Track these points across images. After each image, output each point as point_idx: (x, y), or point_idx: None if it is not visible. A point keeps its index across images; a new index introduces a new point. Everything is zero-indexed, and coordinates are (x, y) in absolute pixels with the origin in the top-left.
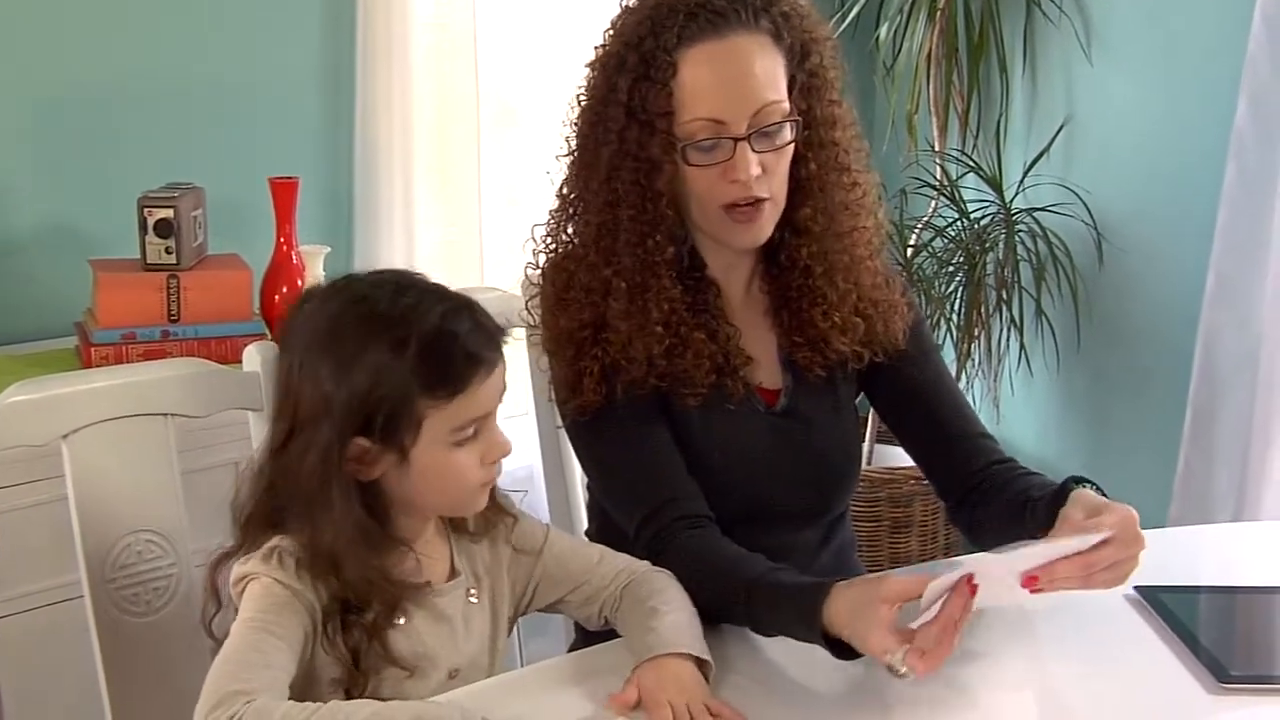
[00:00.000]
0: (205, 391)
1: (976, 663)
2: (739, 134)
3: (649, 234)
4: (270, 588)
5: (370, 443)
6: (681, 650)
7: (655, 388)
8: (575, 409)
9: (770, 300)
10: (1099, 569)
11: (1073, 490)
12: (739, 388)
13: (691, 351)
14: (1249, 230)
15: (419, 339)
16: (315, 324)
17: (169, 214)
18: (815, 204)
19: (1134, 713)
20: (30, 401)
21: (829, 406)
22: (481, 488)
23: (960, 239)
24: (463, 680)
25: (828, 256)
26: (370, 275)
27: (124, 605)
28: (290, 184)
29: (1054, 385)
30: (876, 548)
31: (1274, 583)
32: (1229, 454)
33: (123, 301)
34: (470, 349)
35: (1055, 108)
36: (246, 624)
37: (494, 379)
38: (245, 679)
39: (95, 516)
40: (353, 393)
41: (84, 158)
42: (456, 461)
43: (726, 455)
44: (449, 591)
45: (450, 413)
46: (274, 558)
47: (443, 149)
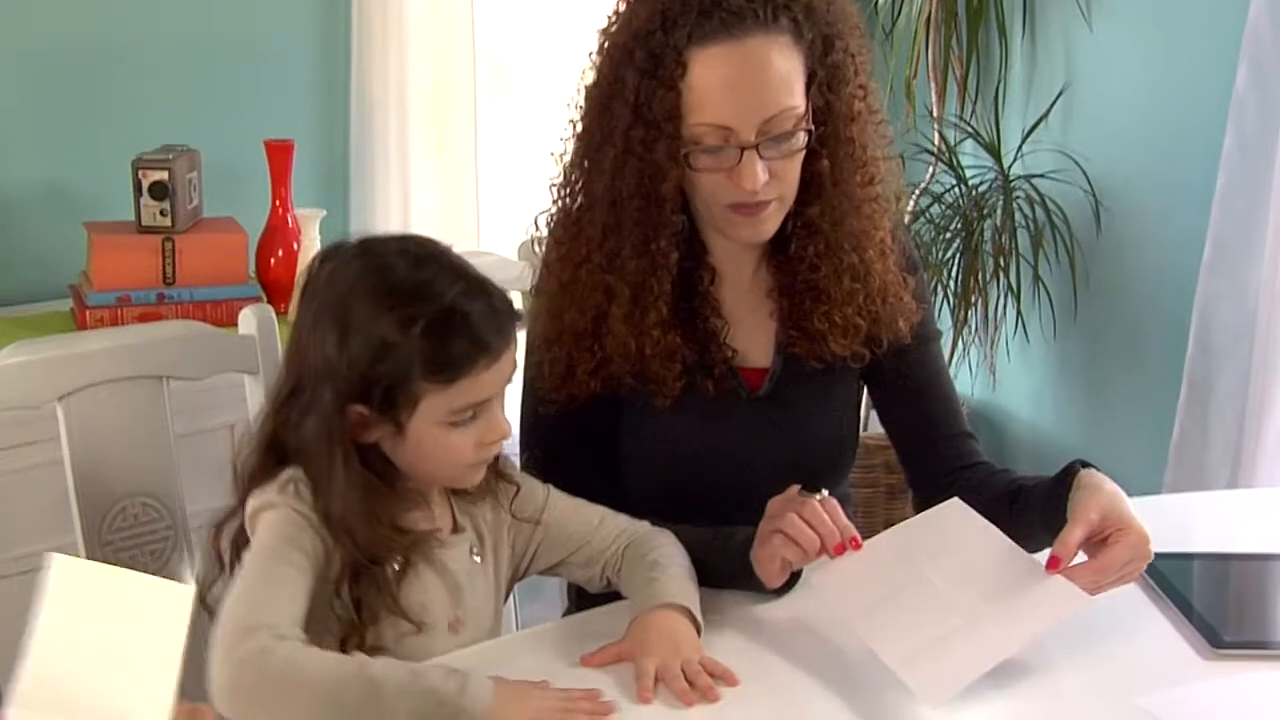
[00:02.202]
0: (201, 354)
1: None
2: (747, 142)
3: (652, 239)
4: (288, 516)
5: (368, 411)
6: (678, 603)
7: (630, 386)
8: (567, 396)
9: (775, 286)
10: (1108, 577)
11: (1080, 472)
12: (710, 386)
13: (664, 358)
14: (1248, 199)
15: (427, 319)
16: (332, 285)
17: (164, 176)
18: (826, 202)
19: (1129, 678)
20: (25, 364)
21: (821, 392)
22: (475, 467)
23: (958, 205)
24: (464, 634)
25: (836, 256)
26: (395, 241)
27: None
28: (286, 146)
29: (1050, 353)
30: (872, 514)
31: (1268, 550)
32: (1224, 422)
33: (117, 264)
34: (477, 335)
35: (1055, 74)
36: (265, 553)
37: (500, 365)
38: (268, 611)
39: (91, 479)
40: (355, 362)
41: (78, 120)
42: (451, 441)
43: (697, 448)
44: (453, 546)
45: (449, 396)
46: (290, 487)
47: (439, 113)
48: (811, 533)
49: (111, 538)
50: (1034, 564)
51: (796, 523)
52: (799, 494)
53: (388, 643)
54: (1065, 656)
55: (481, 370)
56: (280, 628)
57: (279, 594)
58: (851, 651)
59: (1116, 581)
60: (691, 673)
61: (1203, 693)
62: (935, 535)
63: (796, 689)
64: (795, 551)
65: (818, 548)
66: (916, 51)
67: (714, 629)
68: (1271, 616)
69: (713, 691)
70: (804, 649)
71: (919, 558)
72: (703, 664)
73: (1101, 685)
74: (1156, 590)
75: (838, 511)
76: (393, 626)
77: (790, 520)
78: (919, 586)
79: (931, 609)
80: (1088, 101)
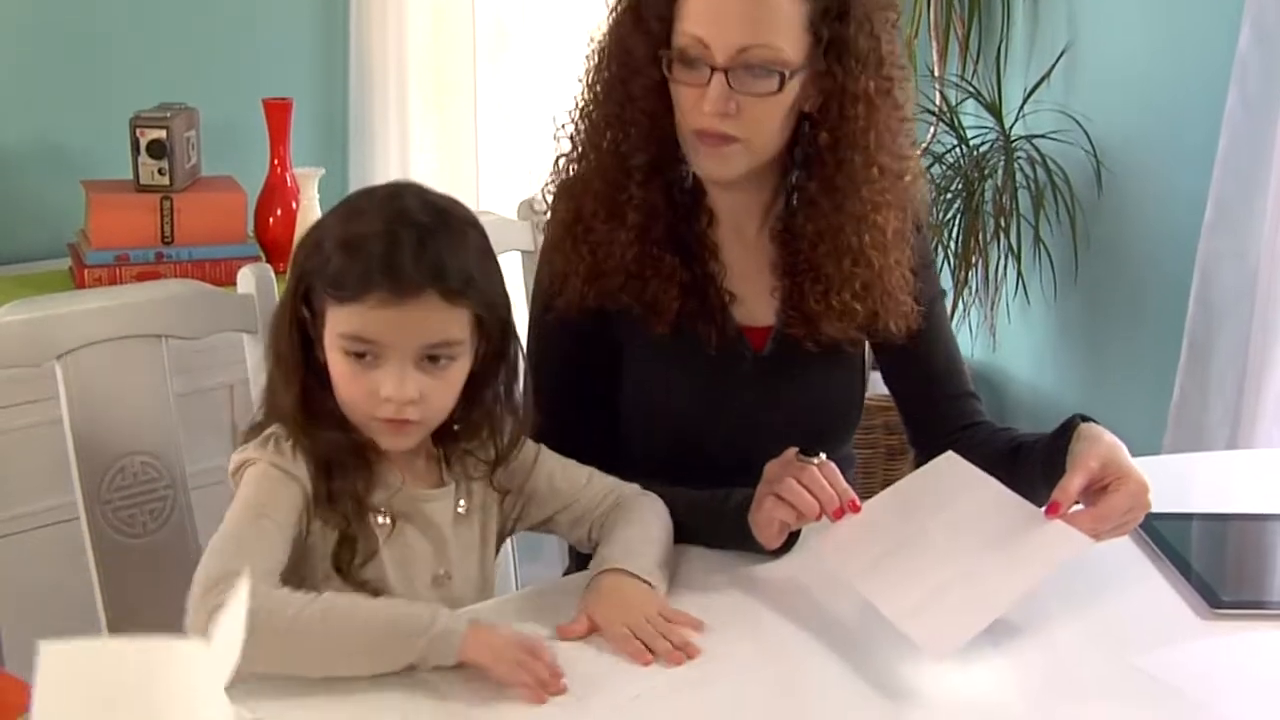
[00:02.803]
0: (200, 313)
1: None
2: (717, 64)
3: (621, 138)
4: (266, 471)
5: (306, 313)
6: (617, 567)
7: (628, 308)
8: (564, 305)
9: (778, 263)
10: (1107, 525)
11: (1080, 425)
12: (714, 334)
13: (659, 274)
14: (1250, 159)
15: (357, 230)
16: (339, 204)
17: (162, 135)
18: (825, 178)
19: (1127, 637)
20: (24, 322)
21: (826, 352)
22: (372, 420)
23: (959, 166)
24: (451, 589)
25: (836, 236)
26: (429, 190)
27: (119, 527)
28: (284, 105)
29: (1051, 313)
30: (871, 475)
31: (1267, 510)
32: (1224, 383)
33: (116, 223)
34: (390, 264)
35: (1056, 34)
36: (243, 507)
37: (406, 314)
38: (241, 563)
39: (90, 438)
40: (302, 260)
41: (76, 78)
42: (347, 375)
43: (701, 407)
44: (438, 499)
45: (343, 316)
46: (270, 443)
47: (438, 71)
48: (809, 498)
49: (111, 496)
50: (1032, 510)
51: (794, 488)
52: (797, 458)
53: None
54: (1063, 616)
55: (376, 304)
56: (250, 575)
57: (254, 548)
58: (850, 610)
59: (1115, 530)
60: (662, 629)
61: (1200, 652)
62: (932, 490)
63: (794, 647)
64: (792, 514)
65: (816, 512)
66: (918, 11)
67: (713, 589)
68: (1269, 577)
69: (690, 647)
70: (802, 608)
71: (917, 513)
72: (665, 615)
73: (1099, 645)
74: (1155, 550)
75: (836, 476)
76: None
77: (788, 485)
78: (918, 541)
79: (932, 562)
80: (1090, 61)
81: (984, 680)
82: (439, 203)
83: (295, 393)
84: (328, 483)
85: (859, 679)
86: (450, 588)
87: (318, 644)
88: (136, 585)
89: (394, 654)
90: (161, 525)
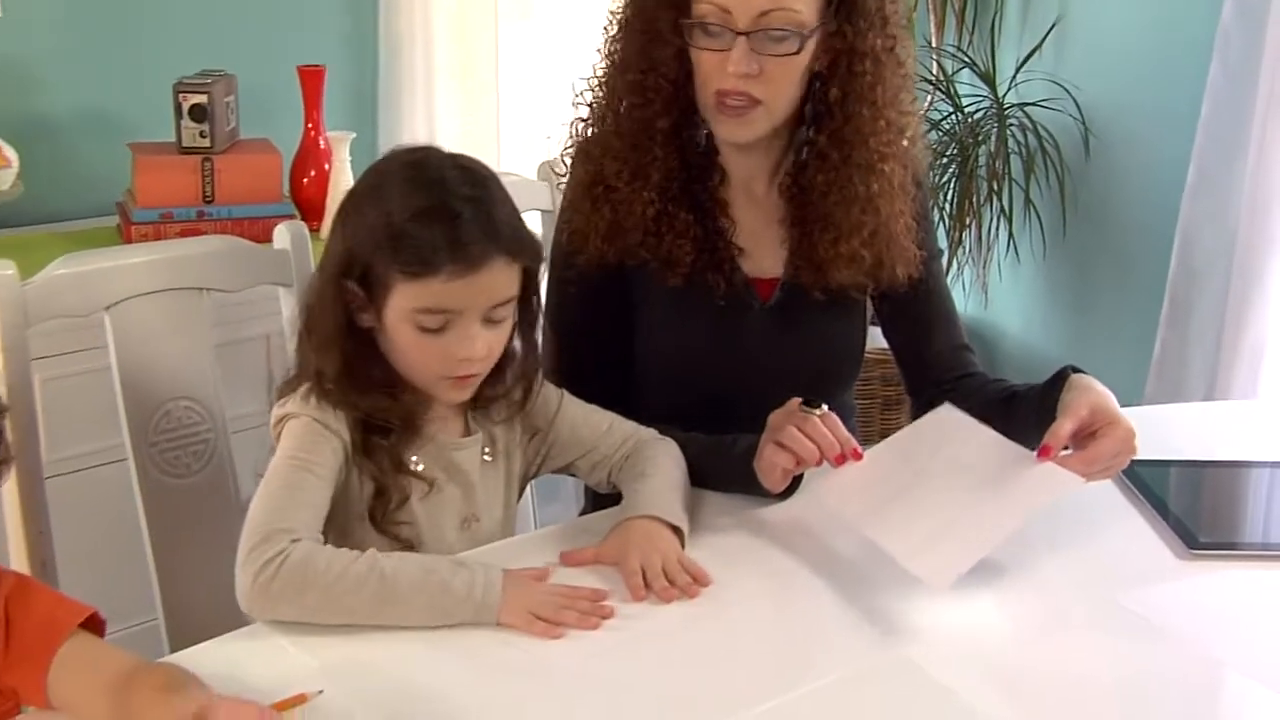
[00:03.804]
0: (238, 267)
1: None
2: (738, 28)
3: (644, 102)
4: (307, 425)
5: (358, 289)
6: (651, 514)
7: (643, 262)
8: (583, 262)
9: (787, 215)
10: (1096, 467)
11: (1072, 375)
12: (723, 283)
13: (675, 230)
14: (1230, 127)
15: (419, 208)
16: (369, 173)
17: (203, 99)
18: (835, 131)
19: (1110, 577)
20: (74, 275)
21: (830, 303)
22: (447, 381)
23: (954, 132)
24: (477, 531)
25: (845, 186)
26: (449, 154)
27: (164, 467)
28: (317, 72)
29: (1040, 272)
30: (869, 425)
31: (1241, 458)
32: (1203, 338)
33: (160, 183)
34: (457, 238)
35: (1049, 6)
36: (286, 461)
37: (472, 281)
38: (288, 516)
39: (137, 384)
40: (351, 236)
41: (122, 46)
42: (419, 345)
43: (713, 351)
44: (465, 447)
45: (415, 292)
46: (310, 398)
47: (462, 40)
48: (810, 445)
49: (157, 439)
50: (1024, 453)
51: (796, 435)
52: (799, 408)
53: (405, 537)
54: (1050, 556)
55: (451, 276)
56: (297, 532)
57: (298, 500)
58: (848, 550)
59: (1103, 473)
60: (672, 571)
61: (1179, 590)
62: (930, 438)
63: (796, 585)
64: (792, 460)
65: (816, 458)
66: None
67: (720, 530)
68: (1243, 520)
69: (693, 588)
70: (803, 548)
71: (916, 460)
72: (681, 564)
73: (1085, 584)
74: (1136, 494)
75: (837, 425)
76: (410, 525)
77: (789, 433)
78: (917, 485)
79: (931, 503)
80: (1080, 33)
81: (975, 615)
82: (469, 165)
83: (339, 364)
84: (366, 440)
85: (857, 615)
86: (477, 530)
87: (363, 604)
88: (180, 522)
89: (437, 618)
90: (203, 466)
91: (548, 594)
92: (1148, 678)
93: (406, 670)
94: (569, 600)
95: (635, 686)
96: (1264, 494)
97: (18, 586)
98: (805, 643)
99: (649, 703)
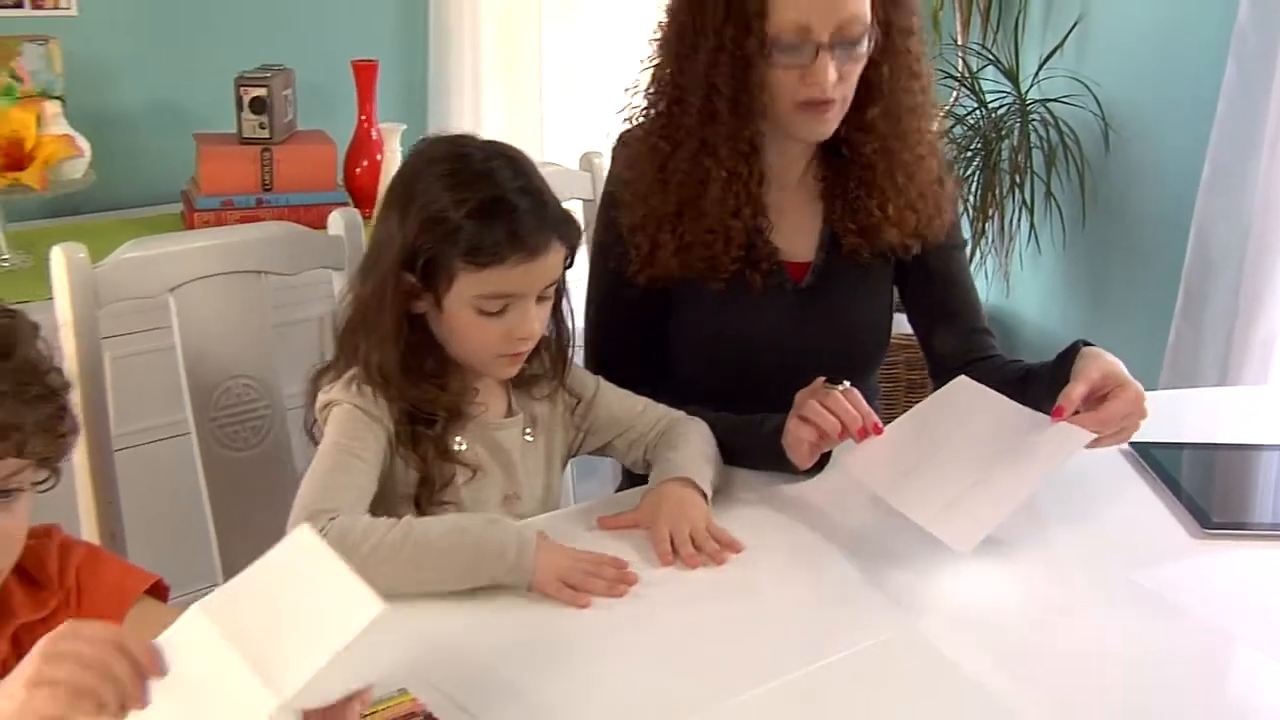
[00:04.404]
0: (295, 252)
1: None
2: (822, 42)
3: (743, 127)
4: (351, 413)
5: (415, 280)
6: (684, 475)
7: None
8: (648, 279)
9: (824, 187)
10: (1109, 429)
11: (1084, 348)
12: (759, 279)
13: (727, 239)
14: (1245, 125)
15: (477, 202)
16: (414, 165)
17: (263, 93)
18: (884, 105)
19: (1126, 554)
20: (141, 259)
21: (859, 285)
22: (503, 359)
23: (978, 127)
24: (519, 507)
25: (891, 154)
26: (483, 140)
27: (224, 441)
28: (370, 66)
29: (1060, 262)
30: (893, 407)
31: (1252, 441)
32: (1216, 328)
33: (222, 172)
34: (517, 229)
35: (1070, 5)
36: (331, 446)
37: (534, 265)
38: (330, 497)
39: (199, 362)
40: (409, 231)
41: (187, 42)
42: (480, 327)
43: (745, 336)
44: (507, 427)
45: (480, 280)
46: (353, 386)
47: (508, 37)
48: (831, 418)
49: (217, 414)
50: (1039, 417)
51: (818, 409)
52: (823, 386)
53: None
54: (1065, 534)
55: (514, 264)
56: (339, 511)
57: (342, 483)
58: (868, 527)
59: (1114, 436)
60: (700, 539)
61: (1193, 568)
62: (948, 409)
63: (818, 559)
64: (814, 433)
65: (838, 430)
66: None
67: (746, 504)
68: (1254, 501)
69: (720, 556)
70: (824, 526)
71: (936, 431)
72: (710, 531)
73: (1100, 561)
74: (1151, 475)
75: (859, 399)
76: (454, 503)
77: (811, 407)
78: (938, 454)
79: (951, 470)
80: (1101, 32)
81: (991, 591)
82: (509, 153)
83: (398, 355)
84: (411, 429)
85: (874, 590)
86: (518, 507)
87: (399, 570)
88: (239, 493)
89: (471, 578)
90: (261, 440)
91: (577, 560)
92: (1162, 652)
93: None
94: (595, 567)
95: (652, 659)
96: (1274, 476)
97: (88, 556)
98: (825, 614)
99: (665, 676)
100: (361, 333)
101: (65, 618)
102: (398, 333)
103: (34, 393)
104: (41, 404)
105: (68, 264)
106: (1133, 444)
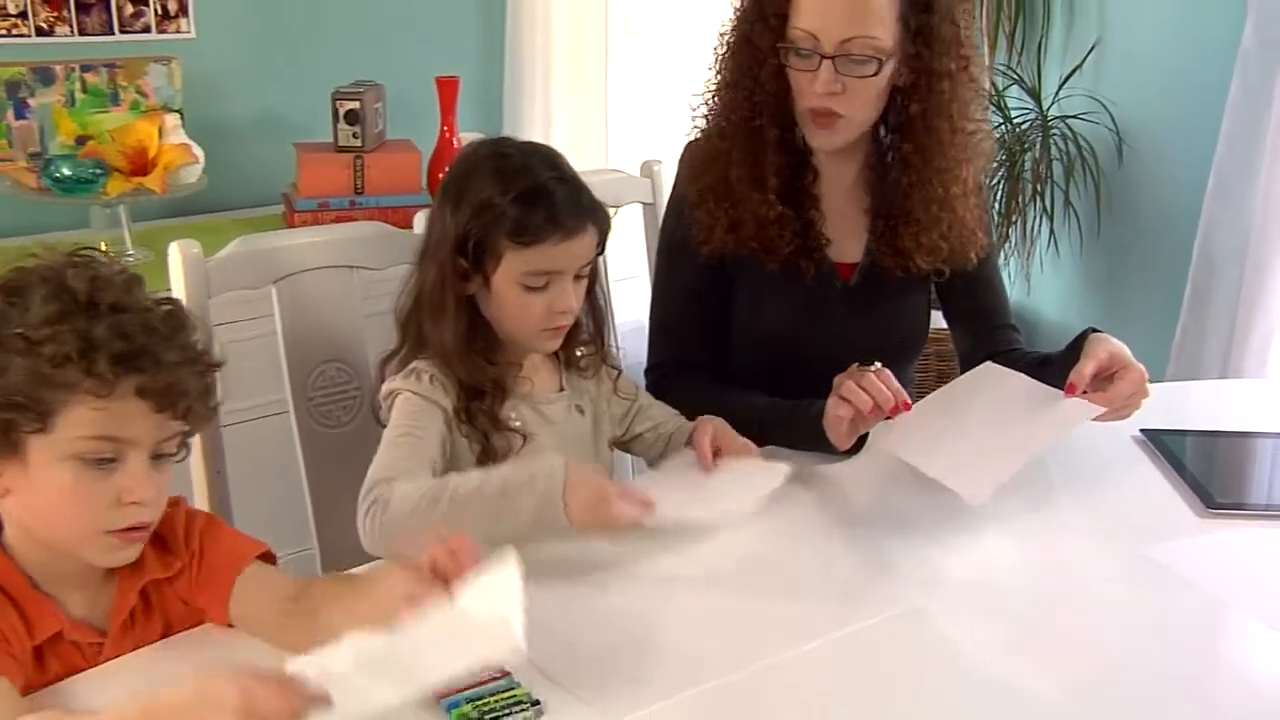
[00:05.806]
0: (383, 248)
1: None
2: (825, 52)
3: (754, 115)
4: (411, 400)
5: (466, 263)
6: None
7: (753, 250)
8: (708, 252)
9: (871, 204)
10: (1115, 405)
11: (1092, 334)
12: (813, 269)
13: (780, 224)
14: (1248, 138)
15: (520, 189)
16: (462, 165)
17: (356, 105)
18: (917, 141)
19: (1135, 531)
20: (248, 254)
21: (901, 286)
22: (546, 333)
23: (1003, 141)
24: None
25: (925, 187)
26: (520, 141)
27: (320, 419)
28: (452, 82)
29: (1077, 264)
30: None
31: (1252, 429)
32: (1219, 325)
33: (319, 177)
34: (556, 211)
35: (1089, 30)
36: (396, 430)
37: (572, 244)
38: (389, 470)
39: (297, 347)
40: (462, 219)
41: (290, 60)
42: (524, 301)
43: (799, 326)
44: (557, 400)
45: (526, 257)
46: (413, 375)
47: (577, 55)
48: (864, 395)
49: (314, 394)
50: (1053, 392)
51: (852, 387)
52: (858, 368)
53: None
54: (1075, 513)
55: (555, 243)
56: (395, 480)
57: (401, 457)
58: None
59: (1119, 413)
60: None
61: (1199, 545)
62: (972, 388)
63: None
64: (849, 410)
65: (869, 407)
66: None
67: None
68: (1254, 483)
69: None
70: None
71: (959, 404)
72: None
73: (1110, 537)
74: (1159, 458)
75: (890, 378)
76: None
77: (848, 386)
78: (959, 422)
79: (968, 434)
80: (1117, 54)
81: (1006, 566)
82: (542, 151)
83: (459, 332)
84: (467, 404)
85: (890, 565)
86: None
87: (438, 522)
88: (333, 466)
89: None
90: (352, 418)
91: (606, 485)
92: (1168, 621)
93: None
94: (617, 496)
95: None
96: (1272, 461)
97: (208, 523)
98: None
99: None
100: (425, 315)
101: (189, 578)
102: (458, 312)
103: (198, 367)
104: (203, 377)
105: (183, 258)
106: (1142, 430)
